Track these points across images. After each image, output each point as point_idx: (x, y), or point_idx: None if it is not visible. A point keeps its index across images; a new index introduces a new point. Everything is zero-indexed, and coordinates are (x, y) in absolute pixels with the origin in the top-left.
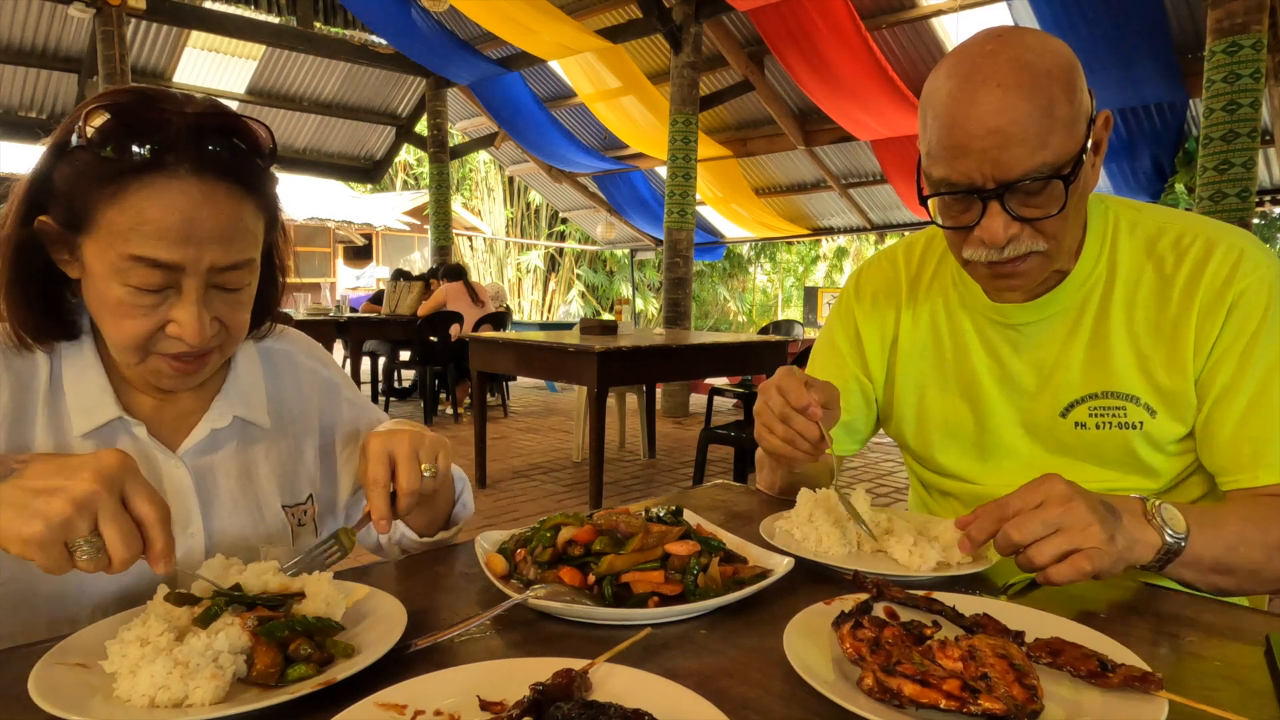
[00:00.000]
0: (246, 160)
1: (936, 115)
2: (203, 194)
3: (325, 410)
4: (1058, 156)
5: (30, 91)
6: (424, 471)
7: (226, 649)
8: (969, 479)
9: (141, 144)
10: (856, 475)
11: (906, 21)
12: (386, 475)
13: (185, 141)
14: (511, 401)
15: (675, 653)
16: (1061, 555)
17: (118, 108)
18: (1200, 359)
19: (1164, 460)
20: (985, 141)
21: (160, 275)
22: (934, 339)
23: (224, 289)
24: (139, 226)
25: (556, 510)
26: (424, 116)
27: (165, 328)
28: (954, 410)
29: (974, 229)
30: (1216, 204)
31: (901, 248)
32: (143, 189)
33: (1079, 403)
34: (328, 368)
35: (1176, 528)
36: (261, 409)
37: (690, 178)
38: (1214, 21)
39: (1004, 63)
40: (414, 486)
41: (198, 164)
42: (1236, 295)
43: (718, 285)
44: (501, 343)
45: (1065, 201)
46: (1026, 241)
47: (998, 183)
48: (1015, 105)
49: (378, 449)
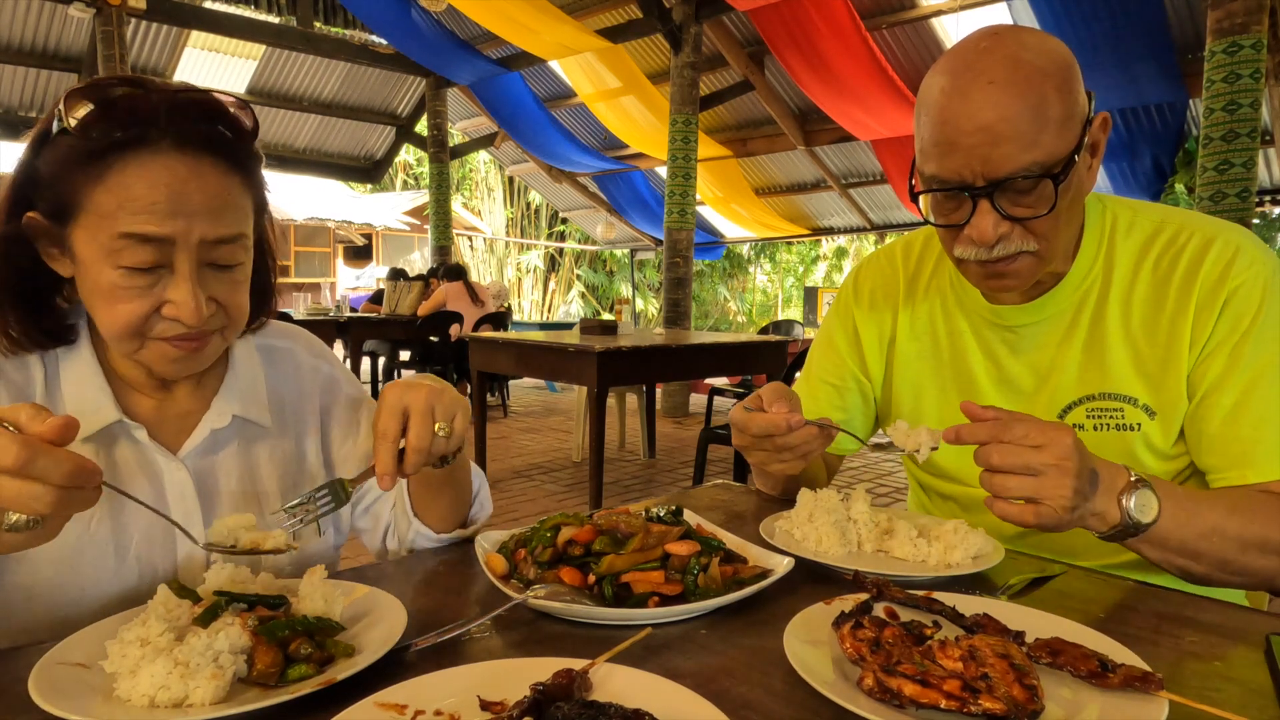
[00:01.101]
0: (230, 139)
1: (929, 111)
2: (188, 168)
3: (326, 407)
4: (1049, 156)
5: (30, 91)
6: (437, 430)
7: (227, 649)
8: (967, 481)
9: (123, 123)
10: (857, 475)
11: (906, 22)
12: (398, 429)
13: (166, 118)
14: (511, 401)
15: (675, 653)
16: (1021, 498)
17: (98, 90)
18: (1194, 354)
19: (1163, 462)
20: (975, 138)
21: (151, 251)
22: (932, 339)
23: (218, 266)
24: (126, 204)
25: (556, 510)
26: (424, 116)
27: (161, 309)
28: (952, 411)
29: (964, 227)
30: (1216, 204)
31: (900, 246)
32: (127, 166)
33: (1076, 404)
34: (330, 364)
35: (1143, 514)
36: (262, 407)
37: (690, 178)
38: (1214, 22)
39: (998, 60)
40: (424, 444)
41: (180, 139)
42: (1231, 291)
43: (718, 285)
44: (501, 343)
45: (1055, 201)
46: (1016, 241)
47: (987, 180)
48: (1006, 102)
49: (392, 400)
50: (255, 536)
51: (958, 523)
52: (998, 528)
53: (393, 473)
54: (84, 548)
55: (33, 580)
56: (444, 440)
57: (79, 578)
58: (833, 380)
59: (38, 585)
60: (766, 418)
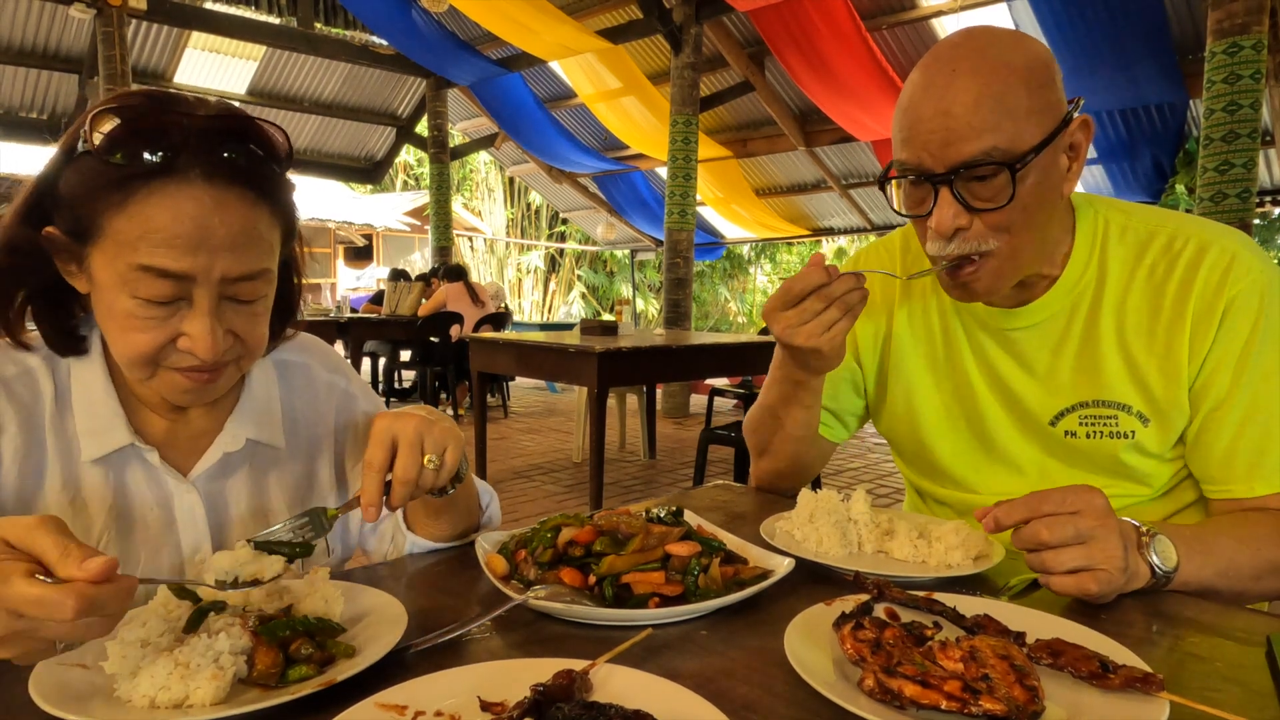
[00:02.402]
0: (261, 165)
1: (901, 102)
2: (214, 200)
3: (341, 424)
4: (1010, 145)
5: (31, 92)
6: (426, 463)
7: (227, 649)
8: (963, 485)
9: (151, 149)
10: (857, 476)
11: (907, 22)
12: (385, 459)
13: (196, 146)
14: (512, 402)
15: (676, 653)
16: (1076, 568)
17: (126, 111)
18: (1194, 366)
19: (1156, 467)
20: (934, 123)
21: (170, 286)
22: (927, 336)
23: (237, 300)
24: (147, 235)
25: (557, 511)
26: (424, 117)
27: (176, 341)
28: (947, 409)
29: (927, 220)
30: (1217, 205)
31: (899, 238)
32: (151, 196)
33: (1069, 411)
34: (346, 379)
35: (1167, 563)
36: (276, 428)
37: (690, 178)
38: (1214, 22)
39: (965, 52)
40: (410, 476)
41: (209, 169)
42: (1229, 302)
43: (718, 286)
44: (502, 343)
45: (1013, 192)
46: (975, 239)
47: (946, 166)
48: (965, 88)
49: (381, 430)
50: (254, 568)
51: (958, 523)
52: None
53: (378, 504)
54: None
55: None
56: (433, 473)
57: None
58: None
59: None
60: (806, 273)
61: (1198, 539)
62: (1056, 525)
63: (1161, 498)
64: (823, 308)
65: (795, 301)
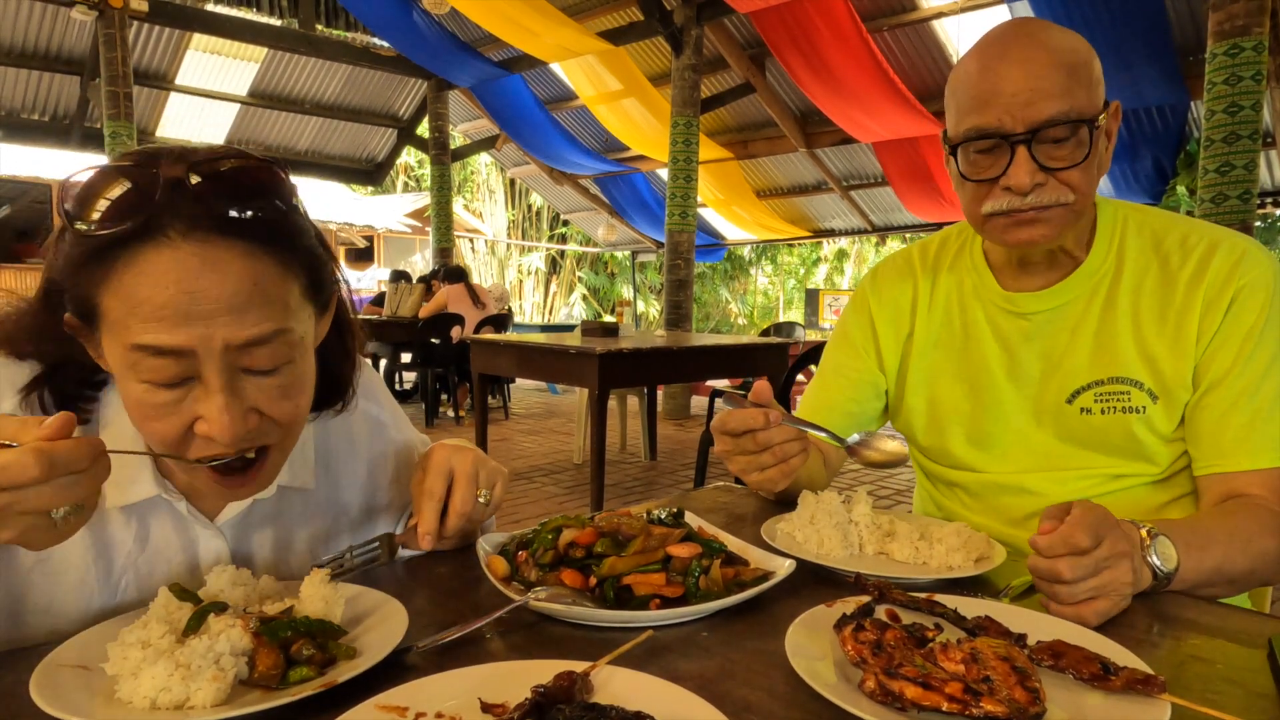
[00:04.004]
0: (255, 209)
1: (966, 78)
2: (201, 260)
3: (374, 458)
4: (1084, 107)
5: (33, 94)
6: (479, 497)
7: (228, 651)
8: (975, 467)
9: (119, 211)
10: (858, 478)
11: (908, 24)
12: (443, 490)
13: (171, 201)
14: (513, 403)
15: (677, 655)
16: (1085, 599)
17: (96, 174)
18: (1201, 347)
19: (1164, 446)
20: (1016, 85)
21: (171, 364)
22: (947, 330)
23: (254, 372)
24: (134, 310)
25: (558, 512)
26: (425, 119)
27: (194, 426)
28: (962, 399)
29: (999, 180)
30: (1218, 206)
31: (917, 248)
32: (132, 264)
33: (1085, 389)
34: (379, 405)
35: (1167, 564)
36: (309, 471)
37: (691, 180)
38: (1215, 24)
39: (1034, 28)
40: (467, 509)
41: (188, 225)
42: (1237, 290)
43: (719, 287)
44: (503, 345)
45: (1090, 148)
46: (1050, 192)
47: (1027, 126)
48: (1041, 59)
49: (440, 462)
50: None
51: (959, 525)
52: (1003, 526)
53: (435, 533)
54: (90, 571)
55: (21, 594)
56: (484, 506)
57: (68, 590)
58: (848, 375)
59: (26, 599)
60: (744, 412)
61: (1193, 534)
62: (1077, 565)
63: (1164, 481)
64: (756, 450)
65: (733, 434)
